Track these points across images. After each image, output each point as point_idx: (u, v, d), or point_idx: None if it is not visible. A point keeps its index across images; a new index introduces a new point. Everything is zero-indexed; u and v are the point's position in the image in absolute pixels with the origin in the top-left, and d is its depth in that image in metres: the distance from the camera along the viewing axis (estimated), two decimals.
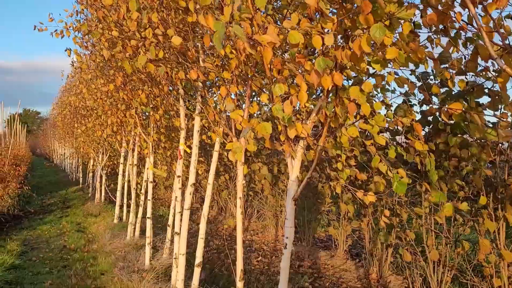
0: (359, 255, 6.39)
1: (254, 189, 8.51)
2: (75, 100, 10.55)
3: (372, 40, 2.13)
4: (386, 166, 2.82)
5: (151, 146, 6.03)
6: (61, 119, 15.78)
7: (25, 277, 5.66)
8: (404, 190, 2.61)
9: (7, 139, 16.46)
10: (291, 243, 2.67)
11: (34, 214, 10.95)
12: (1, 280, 5.31)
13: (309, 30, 2.38)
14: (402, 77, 3.19)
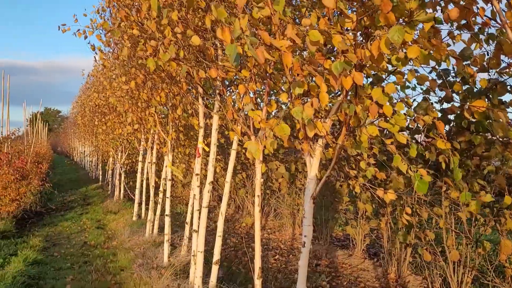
0: (377, 255, 6.34)
1: (271, 188, 8.52)
2: (96, 98, 10.72)
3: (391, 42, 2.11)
4: (407, 165, 2.78)
5: (169, 144, 6.08)
6: (81, 117, 16.04)
7: (47, 272, 5.78)
8: (425, 189, 2.58)
9: (29, 137, 16.83)
10: (309, 242, 2.67)
11: (56, 210, 11.18)
12: (24, 274, 5.44)
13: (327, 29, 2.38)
14: (423, 74, 3.15)
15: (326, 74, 2.59)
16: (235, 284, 4.65)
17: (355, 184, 5.35)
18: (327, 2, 2.09)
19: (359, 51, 2.36)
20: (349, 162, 5.70)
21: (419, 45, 2.36)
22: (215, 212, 9.55)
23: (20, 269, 5.60)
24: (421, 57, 2.32)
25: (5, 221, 8.08)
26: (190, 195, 5.82)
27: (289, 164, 7.68)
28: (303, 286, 2.65)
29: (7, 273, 5.40)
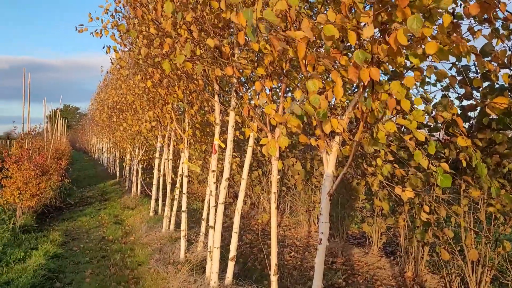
0: (394, 253, 6.29)
1: (287, 185, 8.51)
2: (114, 95, 10.86)
3: (409, 33, 2.08)
4: (428, 160, 2.75)
5: (186, 141, 6.13)
6: (100, 114, 16.26)
7: (67, 266, 5.90)
8: (449, 184, 2.54)
9: (49, 134, 17.13)
10: (326, 239, 2.66)
11: (74, 206, 11.38)
12: (45, 268, 5.56)
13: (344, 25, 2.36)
14: (442, 70, 3.11)
15: (341, 70, 2.57)
16: (251, 281, 4.66)
17: (373, 181, 5.31)
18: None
19: (376, 46, 2.34)
20: (366, 159, 5.66)
21: (437, 41, 2.32)
22: (231, 208, 9.59)
23: (40, 263, 5.72)
24: (440, 53, 2.28)
25: (26, 216, 8.26)
26: (207, 192, 5.86)
27: (305, 161, 7.66)
28: (319, 283, 2.65)
29: (28, 266, 5.52)
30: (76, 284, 5.09)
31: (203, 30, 4.02)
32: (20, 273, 5.31)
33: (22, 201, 8.20)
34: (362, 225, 6.45)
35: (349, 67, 2.28)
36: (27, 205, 8.41)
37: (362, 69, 2.28)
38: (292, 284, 5.05)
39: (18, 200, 8.14)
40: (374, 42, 2.39)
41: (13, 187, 8.06)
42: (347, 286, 5.16)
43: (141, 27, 4.69)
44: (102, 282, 5.12)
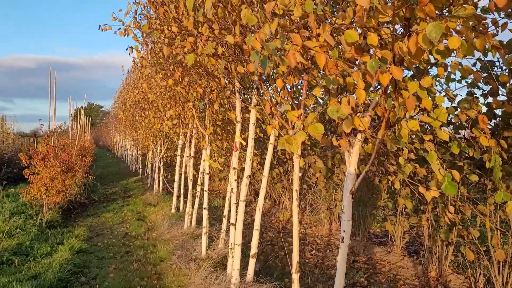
0: (417, 252, 6.20)
1: (307, 183, 8.48)
2: (136, 94, 11.01)
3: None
4: (439, 164, 2.69)
5: (207, 138, 6.17)
6: (122, 112, 16.51)
7: (91, 261, 6.03)
8: (454, 192, 2.49)
9: (74, 131, 17.51)
10: (348, 237, 2.64)
11: (98, 202, 11.62)
12: (70, 262, 5.70)
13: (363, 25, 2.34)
14: (467, 66, 3.04)
15: (364, 69, 2.54)
16: (272, 278, 4.67)
17: (395, 180, 5.24)
18: (361, 1, 2.05)
19: (397, 45, 2.31)
20: (388, 157, 5.59)
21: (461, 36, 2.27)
22: (251, 206, 9.62)
23: (66, 258, 5.87)
24: (464, 48, 2.23)
25: (52, 211, 8.48)
26: (228, 189, 5.89)
27: (326, 159, 7.62)
28: (342, 282, 2.64)
29: (55, 261, 5.67)
30: (101, 279, 5.20)
31: (224, 29, 4.03)
32: (47, 267, 5.46)
33: (48, 197, 8.42)
34: (385, 224, 6.38)
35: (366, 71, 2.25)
36: (53, 201, 8.63)
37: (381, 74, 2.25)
38: (313, 282, 5.04)
39: (45, 196, 8.36)
40: (396, 40, 2.36)
41: (40, 183, 8.29)
42: (369, 285, 5.12)
43: (163, 26, 4.74)
44: (125, 277, 5.21)
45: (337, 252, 6.37)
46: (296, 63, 2.57)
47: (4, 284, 4.66)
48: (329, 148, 7.87)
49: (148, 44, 6.33)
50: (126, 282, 5.04)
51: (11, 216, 7.69)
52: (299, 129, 2.95)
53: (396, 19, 2.40)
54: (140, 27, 5.66)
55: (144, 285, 4.91)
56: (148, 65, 6.81)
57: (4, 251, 6.06)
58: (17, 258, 5.77)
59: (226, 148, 8.41)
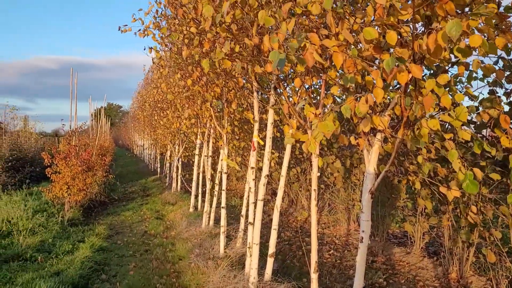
0: (437, 253, 6.11)
1: (325, 182, 8.45)
2: (155, 94, 11.13)
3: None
4: (460, 163, 2.65)
5: (225, 138, 6.20)
6: (141, 112, 16.71)
7: (111, 258, 6.13)
8: (475, 190, 2.45)
9: (94, 131, 17.81)
10: (367, 237, 2.63)
11: (118, 201, 11.79)
12: (91, 260, 5.80)
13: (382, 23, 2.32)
14: (489, 65, 2.98)
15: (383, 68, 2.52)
16: (290, 277, 4.67)
17: (415, 180, 5.18)
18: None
19: (417, 43, 2.28)
20: (407, 157, 5.52)
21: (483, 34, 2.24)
22: (269, 205, 9.62)
23: (87, 255, 5.98)
24: (485, 46, 2.20)
25: (73, 210, 8.65)
26: (245, 188, 5.91)
27: (344, 159, 7.57)
28: (361, 282, 2.62)
29: (76, 258, 5.79)
30: (121, 276, 5.28)
31: (242, 28, 4.05)
32: (69, 264, 5.57)
33: (69, 196, 8.60)
34: (404, 224, 6.31)
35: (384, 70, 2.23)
36: (74, 200, 8.80)
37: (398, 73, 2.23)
38: (332, 282, 5.02)
39: (66, 194, 8.53)
40: (416, 38, 2.33)
41: (61, 182, 8.46)
42: (388, 286, 5.07)
43: (182, 27, 4.78)
44: (145, 275, 5.28)
45: (355, 252, 6.33)
46: (314, 62, 2.57)
47: (28, 281, 4.78)
48: (347, 147, 7.82)
49: (167, 45, 6.40)
50: (146, 279, 5.10)
51: (34, 214, 7.87)
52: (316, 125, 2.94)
53: (416, 17, 2.38)
54: (159, 27, 5.73)
55: (163, 283, 4.97)
56: (167, 65, 6.88)
57: (27, 248, 6.21)
58: (40, 255, 5.90)
59: (243, 148, 8.44)
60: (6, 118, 19.79)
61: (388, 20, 2.35)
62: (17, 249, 6.12)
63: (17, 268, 5.36)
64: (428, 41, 2.13)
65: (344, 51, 2.52)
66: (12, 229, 7.04)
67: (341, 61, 2.44)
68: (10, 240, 6.54)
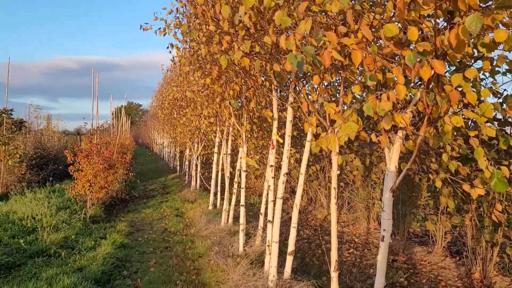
0: (460, 253, 6.00)
1: (344, 180, 8.38)
2: (175, 92, 11.22)
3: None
4: (486, 161, 2.59)
5: (244, 136, 6.21)
6: (161, 110, 16.87)
7: (132, 255, 6.22)
8: (504, 188, 2.39)
9: (114, 130, 18.07)
10: (388, 236, 2.60)
11: (138, 198, 11.95)
12: (113, 256, 5.90)
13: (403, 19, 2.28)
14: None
15: (404, 64, 2.48)
16: (309, 276, 4.65)
17: (436, 178, 5.09)
18: None
19: (439, 39, 2.24)
20: (428, 155, 5.43)
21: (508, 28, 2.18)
22: (288, 203, 9.61)
23: (109, 252, 6.08)
24: (510, 41, 2.14)
25: (95, 207, 8.80)
26: (264, 186, 5.91)
27: (363, 156, 7.50)
28: (382, 281, 2.60)
29: (98, 255, 5.89)
30: (142, 273, 5.36)
31: (260, 26, 4.04)
32: (91, 260, 5.68)
33: (91, 193, 8.75)
34: (426, 223, 6.22)
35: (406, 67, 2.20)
36: (96, 197, 8.96)
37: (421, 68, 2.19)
38: (352, 281, 4.98)
39: (88, 192, 8.69)
40: (438, 34, 2.29)
41: (84, 179, 8.62)
42: (409, 285, 5.00)
43: (202, 25, 4.81)
44: (165, 272, 5.34)
45: (375, 251, 6.27)
46: (331, 62, 2.54)
47: (52, 276, 4.89)
48: (366, 145, 7.74)
49: (187, 42, 6.44)
50: (166, 276, 5.16)
51: (57, 211, 8.04)
52: (340, 127, 2.92)
53: (438, 12, 2.34)
54: (180, 25, 5.77)
55: (184, 280, 5.01)
56: (187, 63, 6.93)
57: (51, 244, 6.35)
58: (63, 251, 6.03)
59: (262, 146, 8.44)
60: (30, 117, 20.27)
61: (409, 16, 2.31)
62: (41, 245, 6.27)
63: (42, 264, 5.49)
64: (449, 36, 2.09)
65: (364, 48, 2.49)
66: (36, 226, 7.21)
67: (360, 59, 2.41)
68: (35, 236, 6.70)
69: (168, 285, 4.84)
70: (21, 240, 6.38)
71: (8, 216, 7.75)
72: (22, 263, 5.50)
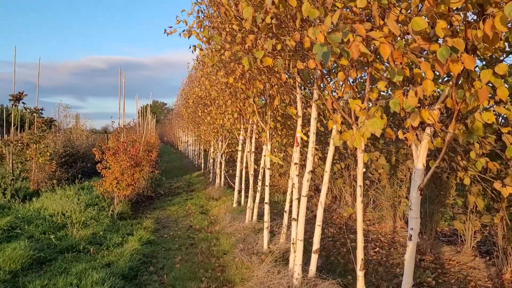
0: (490, 253, 5.84)
1: (370, 178, 8.28)
2: (198, 91, 11.32)
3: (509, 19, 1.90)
4: None
5: (268, 133, 6.21)
6: (185, 108, 17.05)
7: (159, 251, 6.31)
8: None
9: (140, 128, 18.38)
10: (416, 235, 2.55)
11: (164, 195, 12.11)
12: (139, 252, 6.00)
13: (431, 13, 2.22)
14: None
15: (432, 59, 2.42)
16: (334, 274, 4.62)
17: (465, 175, 4.97)
18: None
19: (470, 32, 2.18)
20: (456, 152, 5.30)
21: None
22: (311, 201, 9.56)
23: (136, 248, 6.19)
24: None
25: (122, 204, 8.97)
26: (289, 184, 5.90)
27: (389, 154, 7.38)
28: (410, 281, 2.55)
29: (126, 251, 6.00)
30: (168, 269, 5.43)
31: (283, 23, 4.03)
32: (119, 256, 5.79)
33: (119, 190, 8.92)
34: (454, 222, 6.08)
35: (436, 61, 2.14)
36: (123, 194, 9.13)
37: (451, 63, 2.13)
38: (378, 280, 4.92)
39: (116, 189, 8.87)
40: (468, 27, 2.23)
41: (111, 177, 8.80)
42: (437, 285, 4.91)
43: (225, 24, 4.83)
44: (191, 268, 5.40)
45: (402, 251, 6.17)
46: (359, 55, 2.51)
47: (81, 271, 5.01)
48: (392, 142, 7.62)
49: (210, 43, 6.47)
50: (192, 273, 5.22)
51: (86, 207, 8.24)
52: (363, 123, 2.88)
53: (468, 5, 2.27)
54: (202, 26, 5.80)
55: (209, 276, 5.06)
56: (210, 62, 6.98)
57: (80, 240, 6.51)
58: (92, 247, 6.17)
59: (285, 144, 8.41)
60: (60, 116, 20.86)
61: (438, 9, 2.26)
62: (71, 240, 6.44)
63: (72, 259, 5.64)
64: (484, 28, 2.02)
65: (391, 43, 2.45)
66: (66, 222, 7.41)
67: (389, 52, 2.37)
68: (64, 232, 6.88)
69: (194, 282, 4.89)
70: (52, 235, 6.57)
71: (39, 213, 8.00)
72: (53, 258, 5.66)
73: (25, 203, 8.93)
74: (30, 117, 12.71)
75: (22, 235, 6.62)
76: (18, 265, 5.20)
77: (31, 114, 12.06)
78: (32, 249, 5.66)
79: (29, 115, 12.42)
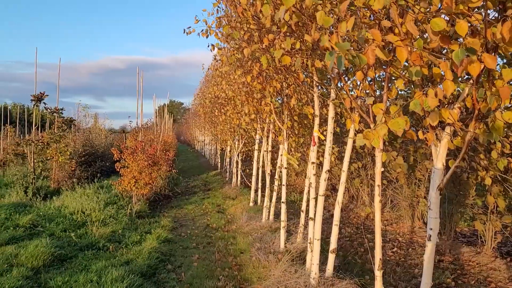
0: (511, 254, 5.74)
1: (387, 178, 8.21)
2: (215, 90, 11.39)
3: None
4: None
5: (285, 133, 6.21)
6: (202, 108, 17.15)
7: (176, 250, 6.38)
8: None
9: (158, 127, 18.56)
10: (435, 235, 2.53)
11: (181, 194, 12.21)
12: (158, 251, 6.08)
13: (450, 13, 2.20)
14: None
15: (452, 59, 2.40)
16: (352, 274, 4.60)
17: (485, 176, 4.90)
18: None
19: (489, 31, 2.15)
20: (476, 152, 5.22)
21: None
22: (328, 201, 9.53)
23: (154, 246, 6.26)
24: None
25: (140, 202, 9.09)
26: (306, 184, 5.89)
27: (407, 154, 7.30)
28: (429, 281, 2.53)
29: (144, 249, 6.08)
30: (185, 267, 5.49)
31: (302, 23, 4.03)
32: (137, 254, 5.88)
33: (137, 189, 9.04)
34: (474, 223, 5.99)
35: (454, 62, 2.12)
36: (141, 193, 9.25)
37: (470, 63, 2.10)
38: (396, 281, 4.88)
39: (134, 188, 8.99)
40: (488, 26, 2.20)
41: (129, 176, 8.92)
42: (456, 286, 4.85)
43: (242, 24, 4.85)
44: (208, 267, 5.45)
45: (420, 251, 6.10)
46: (375, 60, 2.50)
47: (101, 268, 5.10)
48: (410, 142, 7.53)
49: (229, 41, 6.51)
50: (209, 271, 5.26)
51: (105, 206, 8.37)
52: (381, 122, 2.87)
53: (488, 3, 2.24)
54: (221, 26, 5.84)
55: (226, 275, 5.09)
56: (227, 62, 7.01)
57: (100, 238, 6.63)
58: (111, 245, 6.28)
59: (302, 143, 8.41)
60: (79, 116, 21.21)
61: (457, 9, 2.23)
62: (91, 238, 6.56)
63: (91, 256, 5.74)
64: (502, 30, 2.00)
65: (409, 44, 2.43)
66: (86, 220, 7.55)
67: (406, 56, 2.35)
68: (84, 230, 7.01)
69: (211, 280, 4.93)
70: (72, 233, 6.71)
71: (60, 211, 8.17)
72: (73, 255, 5.78)
73: (46, 201, 9.12)
74: (50, 117, 12.97)
75: (43, 232, 6.77)
76: (40, 262, 5.32)
77: (52, 114, 12.30)
78: (53, 247, 5.79)
79: (49, 115, 12.66)
